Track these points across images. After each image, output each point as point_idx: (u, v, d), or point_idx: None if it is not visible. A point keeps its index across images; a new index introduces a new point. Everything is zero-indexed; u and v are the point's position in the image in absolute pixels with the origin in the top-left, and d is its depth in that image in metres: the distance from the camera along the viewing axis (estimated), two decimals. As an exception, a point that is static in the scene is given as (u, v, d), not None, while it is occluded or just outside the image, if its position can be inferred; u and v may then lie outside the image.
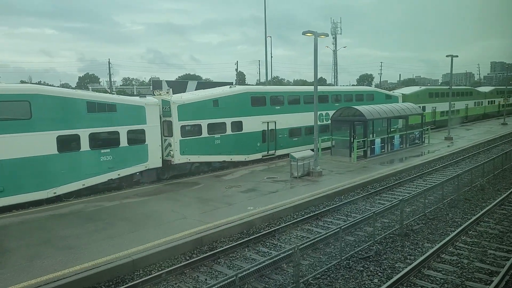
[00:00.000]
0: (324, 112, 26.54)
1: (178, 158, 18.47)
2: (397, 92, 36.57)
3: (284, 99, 24.25)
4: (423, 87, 43.20)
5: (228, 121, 20.62)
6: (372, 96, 30.48)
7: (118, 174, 16.50)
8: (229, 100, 20.82)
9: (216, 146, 20.03)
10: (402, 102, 31.85)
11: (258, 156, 22.42)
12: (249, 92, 22.20)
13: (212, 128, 19.84)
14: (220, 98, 20.43)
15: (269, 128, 22.93)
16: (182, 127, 18.56)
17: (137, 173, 17.43)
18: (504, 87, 58.20)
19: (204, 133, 19.47)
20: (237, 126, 21.18)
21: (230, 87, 23.00)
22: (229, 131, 20.63)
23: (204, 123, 19.44)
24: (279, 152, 23.61)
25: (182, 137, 18.51)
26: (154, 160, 17.85)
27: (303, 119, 24.52)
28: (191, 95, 20.53)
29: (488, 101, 53.16)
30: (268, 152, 22.93)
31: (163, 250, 9.94)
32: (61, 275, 8.53)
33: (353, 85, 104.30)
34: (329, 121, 25.13)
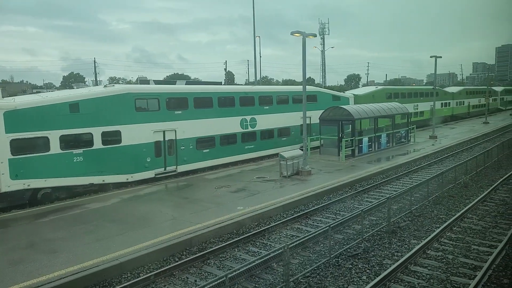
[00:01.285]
0: (248, 117, 22.36)
1: (7, 185, 13.74)
2: (349, 93, 33.87)
3: (189, 102, 19.39)
4: (380, 87, 39.99)
5: (97, 131, 15.83)
6: (314, 98, 26.90)
7: None
8: (98, 103, 16.04)
9: (77, 165, 15.32)
10: (354, 103, 29.43)
11: (149, 174, 17.60)
12: (131, 94, 17.18)
13: (68, 141, 15.15)
14: (82, 101, 15.59)
15: (167, 139, 18.35)
16: (14, 141, 13.85)
17: None
18: (474, 87, 57.02)
19: (55, 149, 14.73)
20: (113, 137, 16.37)
21: (105, 86, 18.58)
22: (98, 144, 15.85)
23: (54, 135, 14.73)
24: (183, 168, 18.94)
25: (13, 155, 13.82)
26: None
27: (218, 125, 20.52)
28: (34, 98, 16.02)
29: (457, 102, 50.01)
30: (165, 169, 18.30)
31: (152, 251, 9.85)
32: (46, 280, 8.37)
33: (341, 85, 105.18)
34: (255, 129, 22.51)
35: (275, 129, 24.15)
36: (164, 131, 18.15)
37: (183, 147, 18.89)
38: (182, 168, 18.88)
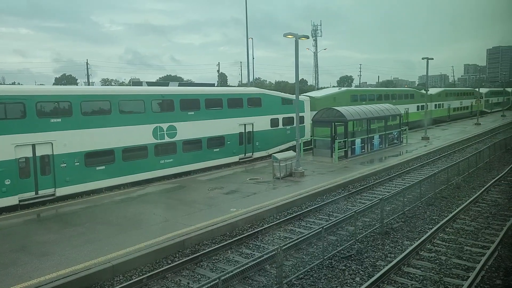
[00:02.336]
0: (165, 125, 18.30)
1: None
2: (306, 95, 30.00)
3: (74, 107, 15.37)
4: (343, 88, 36.82)
5: None
6: (258, 101, 23.19)
7: None
8: None
9: None
10: (312, 107, 27.06)
11: (10, 201, 13.72)
12: None
13: None
14: None
15: (39, 154, 14.46)
16: None
17: None
18: (455, 88, 52.88)
19: None
20: None
21: None
22: None
23: None
24: (66, 190, 15.11)
25: None
26: None
27: (119, 136, 16.60)
28: None
29: (436, 105, 46.31)
30: (37, 193, 14.44)
31: (144, 254, 9.76)
32: (37, 283, 8.24)
33: (333, 86, 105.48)
34: (174, 139, 18.64)
35: (204, 138, 20.10)
36: (33, 145, 14.28)
37: (65, 164, 15.02)
38: (64, 190, 15.04)
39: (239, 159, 22.35)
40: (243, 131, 22.49)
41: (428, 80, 34.82)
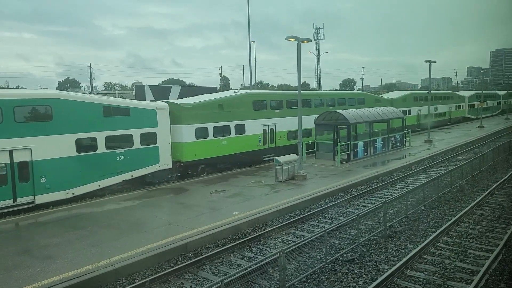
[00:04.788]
0: None
1: None
2: (163, 102, 19.61)
3: None
4: (243, 91, 25.55)
5: None
6: (45, 112, 14.70)
7: None
8: None
9: None
10: (178, 117, 19.26)
11: None
12: None
13: None
14: None
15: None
16: None
17: None
18: (426, 91, 39.82)
19: None
20: None
21: None
22: None
23: None
24: None
25: None
26: None
27: None
28: None
29: (402, 112, 32.48)
30: None
31: (147, 257, 9.77)
32: (40, 286, 8.27)
33: (336, 89, 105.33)
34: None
35: None
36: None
37: None
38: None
39: None
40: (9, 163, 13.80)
41: (431, 83, 34.76)
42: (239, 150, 21.88)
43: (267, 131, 23.65)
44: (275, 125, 24.07)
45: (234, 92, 24.04)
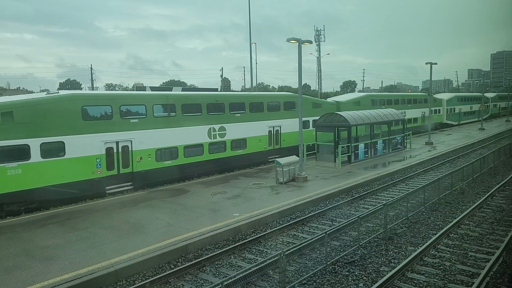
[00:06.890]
0: None
1: None
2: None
3: None
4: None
5: None
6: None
7: None
8: None
9: None
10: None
11: None
12: None
13: None
14: None
15: None
16: None
17: None
18: (388, 93, 35.32)
19: None
20: None
21: None
22: None
23: None
24: None
25: None
26: None
27: None
28: None
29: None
30: None
31: (148, 259, 9.76)
32: (40, 287, 8.26)
33: (337, 91, 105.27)
34: None
35: None
36: None
37: None
38: None
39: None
40: None
41: (431, 85, 34.73)
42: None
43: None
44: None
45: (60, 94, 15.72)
